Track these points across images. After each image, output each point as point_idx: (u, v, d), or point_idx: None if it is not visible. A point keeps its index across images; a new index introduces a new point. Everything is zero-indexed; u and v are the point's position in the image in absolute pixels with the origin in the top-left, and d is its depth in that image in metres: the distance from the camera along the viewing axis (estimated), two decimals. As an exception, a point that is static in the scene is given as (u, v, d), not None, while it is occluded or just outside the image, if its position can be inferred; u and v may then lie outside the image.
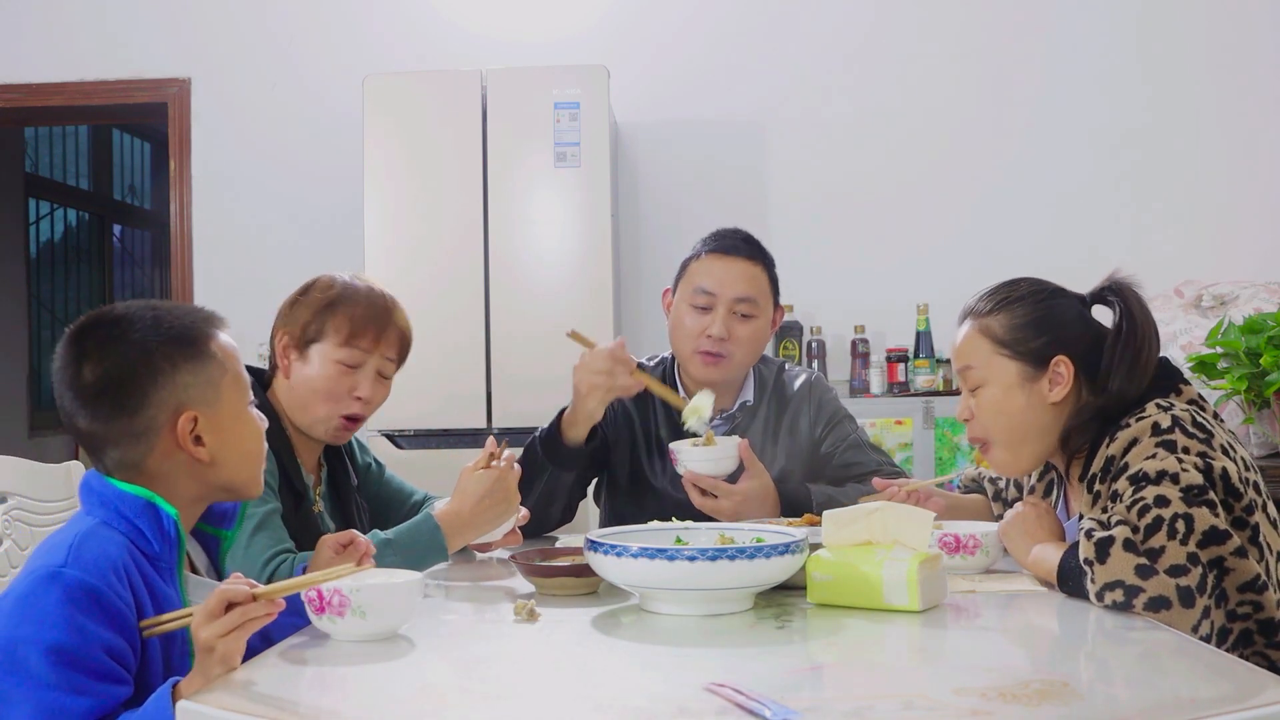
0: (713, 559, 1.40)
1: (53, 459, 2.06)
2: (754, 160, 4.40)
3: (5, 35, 4.55)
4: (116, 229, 8.36)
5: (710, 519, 2.12)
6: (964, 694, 1.10)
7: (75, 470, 1.99)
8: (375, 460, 2.21)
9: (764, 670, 1.23)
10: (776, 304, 2.36)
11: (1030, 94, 4.32)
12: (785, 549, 1.44)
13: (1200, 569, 1.48)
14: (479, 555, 2.06)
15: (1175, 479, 1.55)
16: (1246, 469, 1.66)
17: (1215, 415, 1.75)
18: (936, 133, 4.34)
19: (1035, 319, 1.79)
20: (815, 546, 1.55)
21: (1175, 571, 1.47)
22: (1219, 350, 3.33)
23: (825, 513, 1.57)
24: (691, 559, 1.41)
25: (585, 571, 1.58)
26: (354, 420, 1.98)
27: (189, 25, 4.52)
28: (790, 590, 1.57)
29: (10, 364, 6.87)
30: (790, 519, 2.06)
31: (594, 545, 1.49)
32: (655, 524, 1.79)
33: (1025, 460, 1.82)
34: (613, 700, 1.15)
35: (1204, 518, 1.52)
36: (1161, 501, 1.52)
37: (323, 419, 1.95)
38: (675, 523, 1.81)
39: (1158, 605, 1.45)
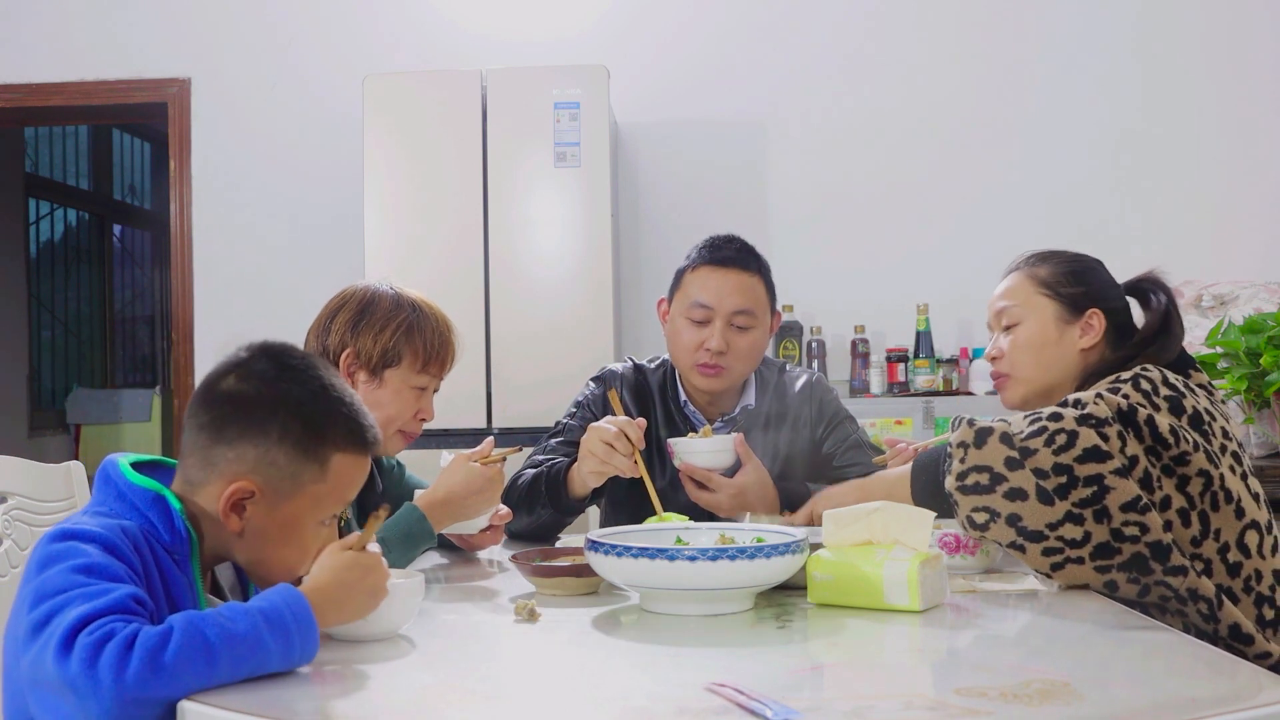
0: (713, 559, 1.40)
1: (53, 459, 2.06)
2: (754, 160, 4.40)
3: (5, 35, 4.55)
4: (116, 229, 8.36)
5: (708, 516, 2.12)
6: (964, 694, 1.10)
7: (75, 470, 1.98)
8: (398, 461, 2.23)
9: (764, 670, 1.23)
10: (774, 310, 2.35)
11: (1030, 94, 4.33)
12: (785, 549, 1.44)
13: (1064, 479, 1.54)
14: (469, 552, 2.07)
15: (1079, 405, 1.61)
16: (1201, 437, 1.69)
17: (1219, 397, 1.81)
18: (936, 133, 4.34)
19: (1078, 270, 1.93)
20: (815, 546, 1.55)
21: (1039, 474, 1.54)
22: (1219, 350, 3.33)
23: (825, 512, 1.57)
24: (691, 559, 1.41)
25: (585, 571, 1.58)
26: (411, 437, 2.04)
27: (189, 25, 4.52)
28: (790, 590, 1.57)
29: (10, 364, 6.88)
30: (787, 512, 2.06)
31: (594, 545, 1.49)
32: (655, 524, 1.79)
33: (1035, 397, 1.92)
34: (613, 700, 1.15)
35: (1089, 437, 1.56)
36: (1055, 417, 1.59)
37: (389, 438, 2.00)
38: (675, 522, 1.81)
39: (1015, 495, 1.54)
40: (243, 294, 4.44)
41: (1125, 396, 1.67)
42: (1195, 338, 3.53)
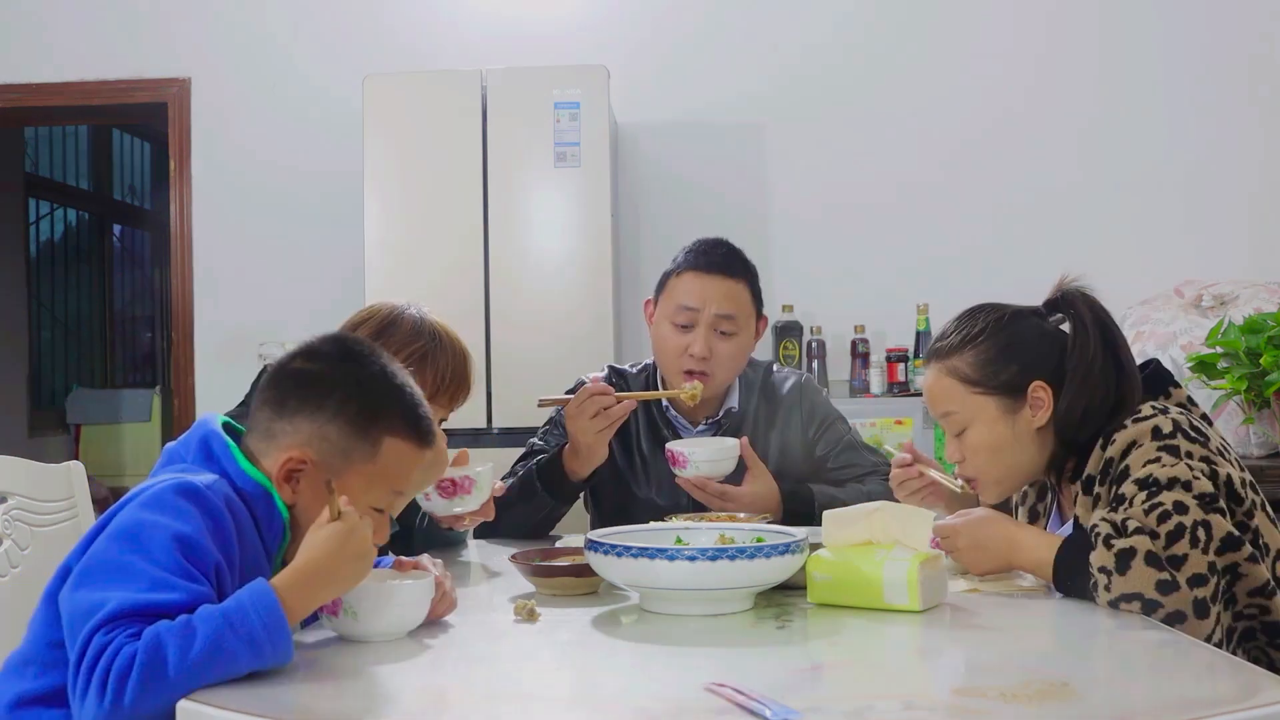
0: (713, 559, 1.40)
1: (53, 459, 2.06)
2: (754, 160, 4.40)
3: (5, 35, 4.55)
4: (116, 229, 8.36)
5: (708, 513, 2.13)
6: (964, 694, 1.10)
7: (75, 470, 1.98)
8: None
9: (764, 670, 1.24)
10: (760, 315, 2.36)
11: (1030, 93, 4.32)
12: (785, 549, 1.44)
13: (1216, 578, 1.48)
14: (445, 527, 2.07)
15: (1188, 486, 1.54)
16: (1241, 470, 1.66)
17: (1204, 416, 1.75)
18: (936, 132, 4.34)
19: (1000, 349, 1.75)
20: (815, 546, 1.55)
21: (1195, 582, 1.46)
22: (1219, 350, 3.33)
23: (825, 513, 1.58)
24: (691, 559, 1.41)
25: (585, 571, 1.58)
26: None
27: (189, 25, 4.52)
28: (790, 590, 1.57)
29: (10, 364, 6.87)
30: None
31: (594, 545, 1.49)
32: (655, 524, 1.79)
33: (1013, 487, 1.83)
34: (613, 700, 1.15)
35: (1220, 525, 1.52)
36: (1180, 508, 1.52)
37: None
38: (675, 522, 1.82)
39: (1174, 620, 1.45)
40: (243, 294, 4.43)
41: (1189, 455, 1.59)
42: (1195, 338, 3.53)
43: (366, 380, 1.41)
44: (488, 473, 1.99)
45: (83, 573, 1.25)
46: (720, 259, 2.30)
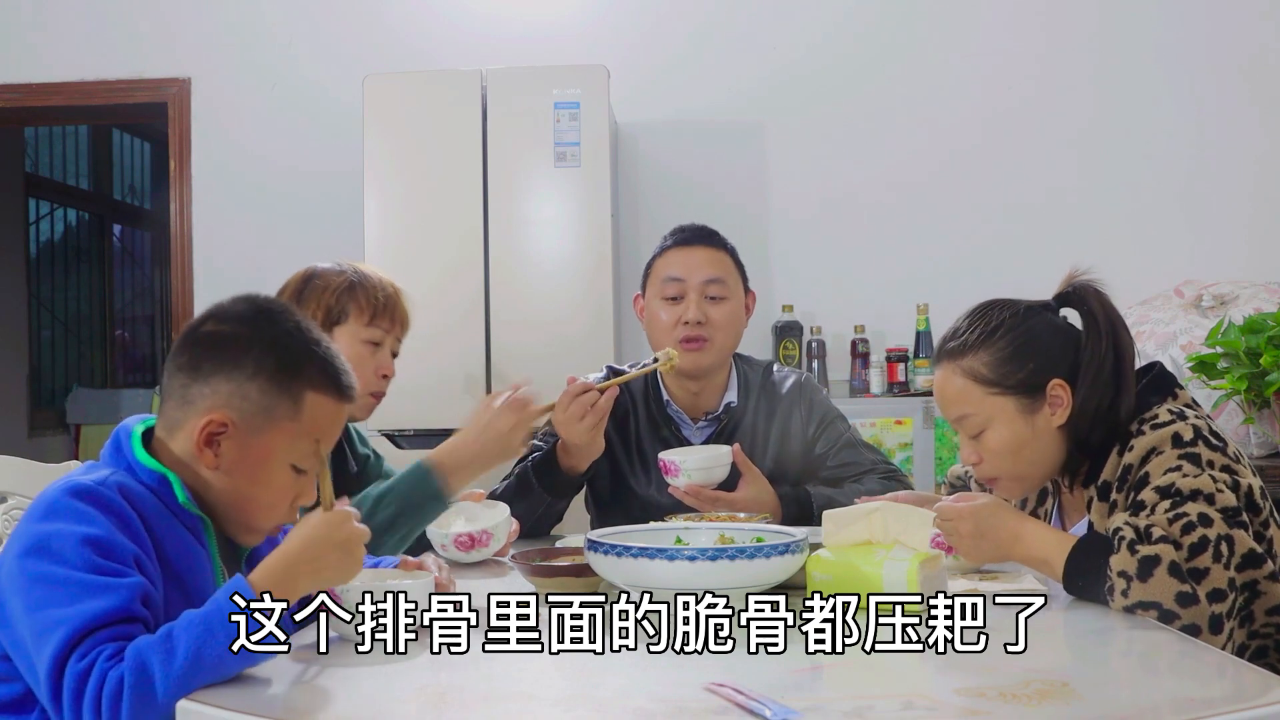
0: (713, 559, 1.40)
1: (53, 459, 2.06)
2: (754, 160, 4.40)
3: (5, 35, 4.55)
4: (116, 229, 8.36)
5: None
6: (964, 694, 1.10)
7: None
8: (374, 451, 2.23)
9: (764, 670, 1.23)
10: (746, 289, 2.38)
11: (1030, 93, 4.32)
12: (785, 549, 1.44)
13: (1234, 595, 1.48)
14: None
15: (1211, 499, 1.53)
16: (1255, 475, 1.65)
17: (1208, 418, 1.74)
18: (936, 132, 4.34)
19: (1017, 348, 1.70)
20: (815, 546, 1.55)
21: (1214, 597, 1.45)
22: (1219, 350, 3.33)
23: (825, 512, 1.58)
24: (691, 559, 1.41)
25: (585, 571, 1.58)
26: (379, 397, 2.04)
27: (189, 25, 4.52)
28: (790, 590, 1.57)
29: (10, 364, 6.87)
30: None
31: (594, 545, 1.49)
32: (655, 524, 1.79)
33: (1034, 485, 1.79)
34: (613, 700, 1.15)
35: (1244, 541, 1.51)
36: (1205, 520, 1.50)
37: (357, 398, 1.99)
38: (675, 522, 1.82)
39: (1190, 632, 1.43)
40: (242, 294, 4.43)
41: (1211, 464, 1.57)
42: (1195, 338, 3.53)
43: (282, 336, 1.40)
44: (505, 524, 1.99)
45: (8, 601, 1.22)
46: (698, 232, 2.37)
